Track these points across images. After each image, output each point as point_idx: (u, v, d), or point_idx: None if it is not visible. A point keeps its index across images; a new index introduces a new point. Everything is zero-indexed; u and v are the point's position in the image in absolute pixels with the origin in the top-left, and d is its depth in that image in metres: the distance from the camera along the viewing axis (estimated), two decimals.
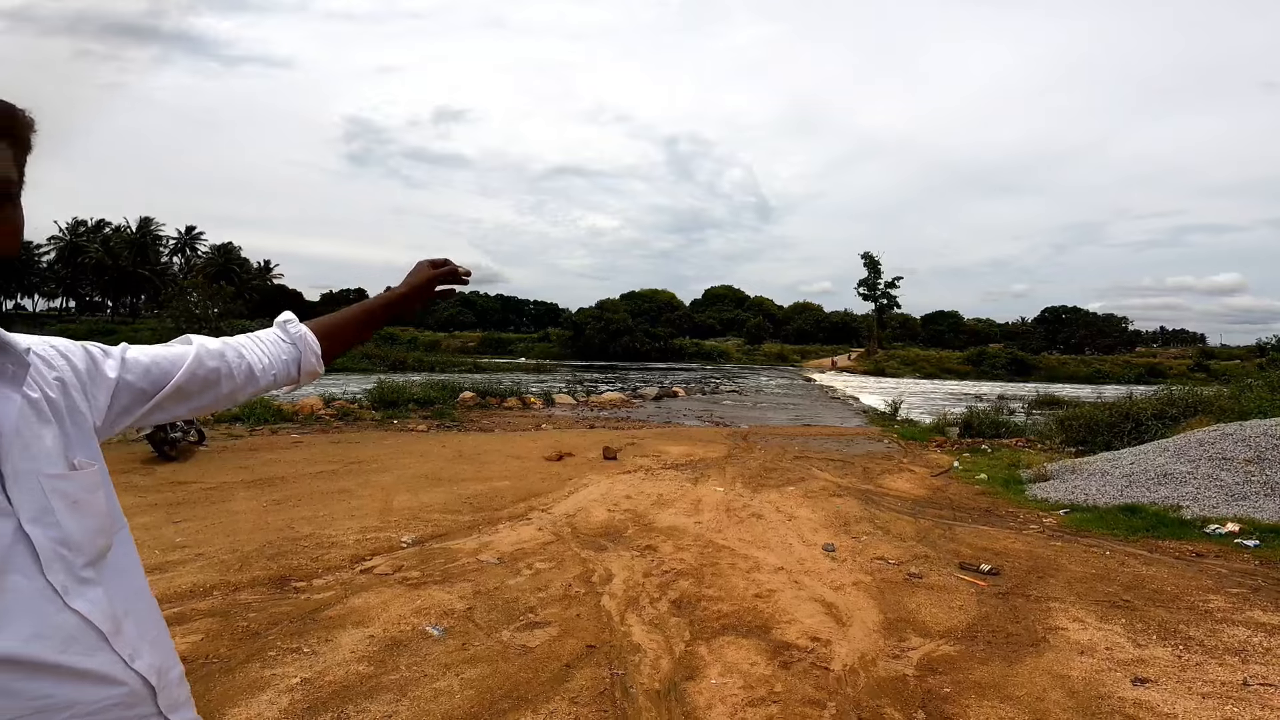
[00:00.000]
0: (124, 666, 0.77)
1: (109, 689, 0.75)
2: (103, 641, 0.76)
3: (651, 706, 2.81)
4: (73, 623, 0.73)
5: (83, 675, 0.74)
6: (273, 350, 1.08)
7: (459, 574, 4.34)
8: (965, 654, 3.40)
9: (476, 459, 8.79)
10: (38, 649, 0.70)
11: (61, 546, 0.74)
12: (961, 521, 6.10)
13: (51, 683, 0.71)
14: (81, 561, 0.76)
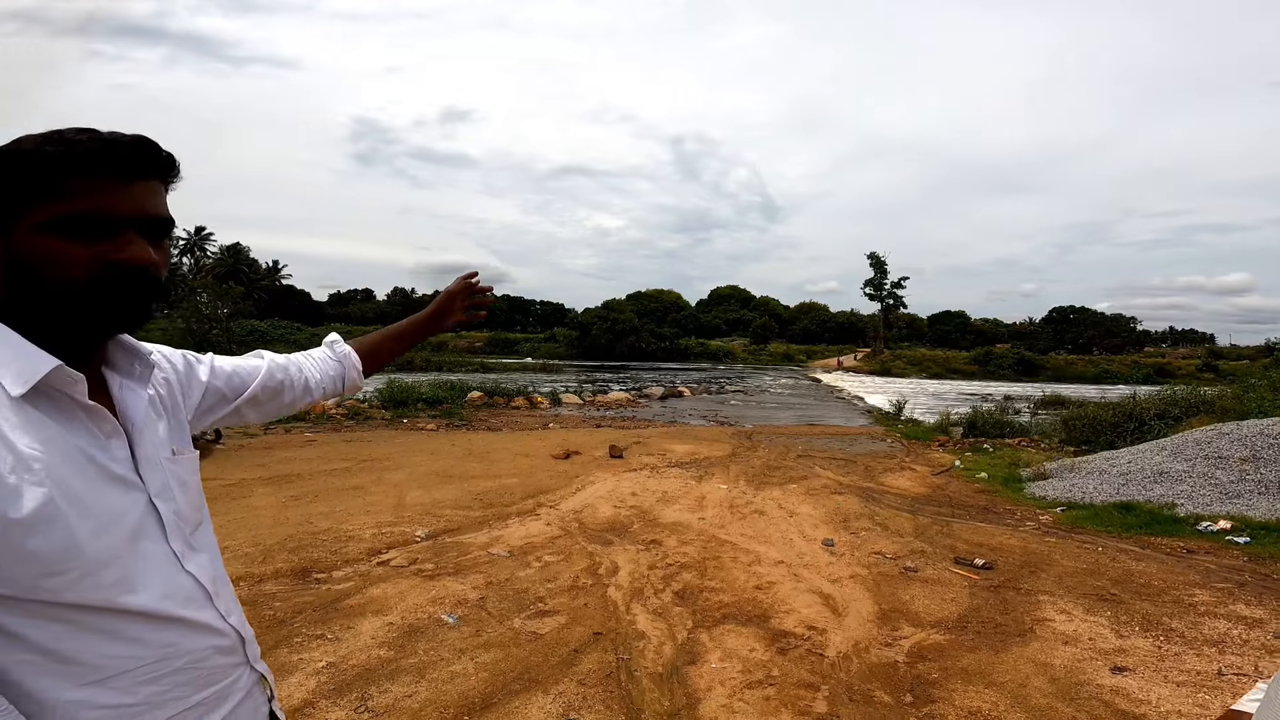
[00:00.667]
0: (223, 621, 0.93)
1: (215, 639, 0.91)
2: (208, 600, 0.91)
3: (654, 688, 2.99)
4: (189, 583, 0.89)
5: (198, 627, 0.89)
6: (323, 366, 1.29)
7: (471, 566, 4.53)
8: (954, 643, 3.56)
9: (485, 457, 8.99)
10: (167, 605, 0.85)
11: (177, 518, 0.90)
12: (959, 518, 6.25)
13: (176, 633, 0.86)
14: (189, 531, 0.92)
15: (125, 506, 0.83)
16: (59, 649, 0.77)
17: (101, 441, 0.83)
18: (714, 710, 2.81)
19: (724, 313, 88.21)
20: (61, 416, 0.80)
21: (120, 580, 0.80)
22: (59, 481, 0.77)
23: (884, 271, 63.71)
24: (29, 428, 0.77)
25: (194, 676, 0.88)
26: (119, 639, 0.81)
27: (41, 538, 0.74)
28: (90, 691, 0.79)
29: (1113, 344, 73.86)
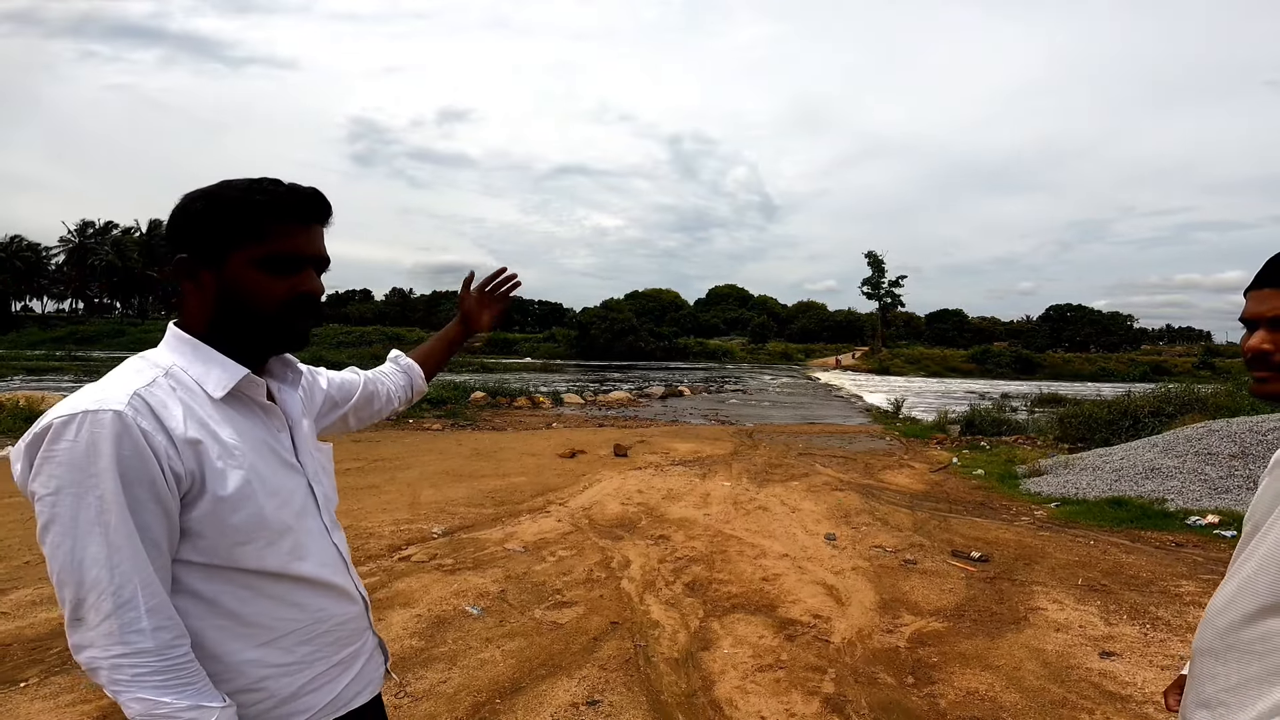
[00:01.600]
0: (355, 589, 1.12)
1: (352, 605, 1.11)
2: (346, 569, 1.11)
3: (671, 672, 3.18)
4: (335, 554, 1.08)
5: (342, 593, 1.08)
6: (394, 378, 1.50)
7: (489, 561, 4.72)
8: (953, 630, 3.75)
9: (493, 456, 9.18)
10: (324, 572, 1.05)
11: (325, 498, 1.10)
12: (956, 514, 6.45)
13: (328, 599, 1.05)
14: (331, 509, 1.12)
15: (293, 487, 1.03)
16: (244, 612, 0.97)
17: (275, 434, 1.04)
18: (729, 691, 3.00)
19: (722, 312, 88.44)
20: (247, 413, 1.01)
21: (292, 549, 1.00)
22: (252, 466, 0.97)
23: (882, 270, 63.93)
24: (228, 423, 0.97)
25: (337, 638, 1.07)
26: (286, 603, 1.00)
27: (240, 512, 0.94)
28: (263, 652, 0.98)
29: (1110, 342, 74.22)
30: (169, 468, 0.89)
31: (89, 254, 67.47)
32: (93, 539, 0.86)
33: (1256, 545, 1.06)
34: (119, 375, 0.95)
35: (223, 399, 0.97)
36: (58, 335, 53.52)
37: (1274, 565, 1.00)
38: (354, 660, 1.10)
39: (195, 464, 0.91)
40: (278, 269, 0.99)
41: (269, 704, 0.98)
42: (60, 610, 0.91)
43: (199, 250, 0.98)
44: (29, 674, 2.95)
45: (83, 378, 25.32)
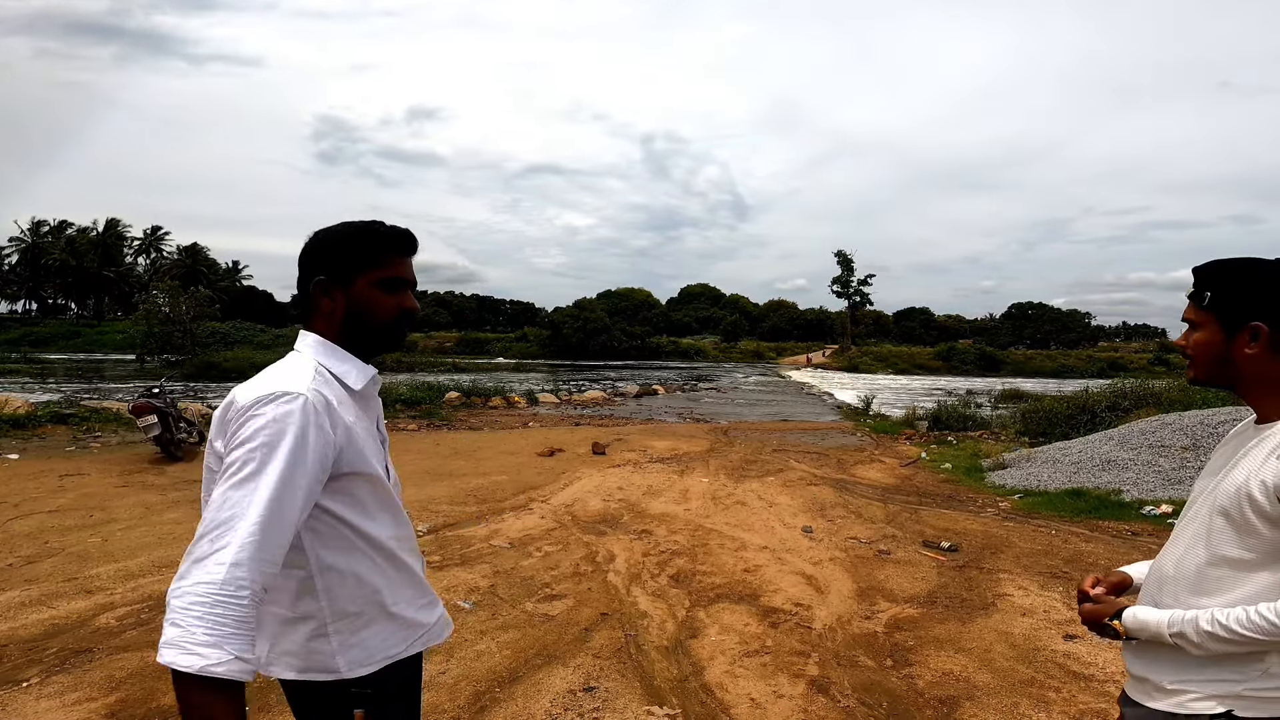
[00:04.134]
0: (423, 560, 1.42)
1: (420, 568, 1.39)
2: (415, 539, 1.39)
3: (662, 659, 3.31)
4: (409, 529, 1.36)
5: (415, 557, 1.37)
6: None
7: (476, 557, 4.80)
8: (926, 615, 3.95)
9: (472, 455, 9.22)
10: (406, 530, 1.34)
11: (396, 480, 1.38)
12: (926, 506, 6.70)
13: (412, 557, 1.35)
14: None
15: (384, 464, 1.31)
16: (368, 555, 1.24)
17: (375, 422, 1.33)
18: (719, 675, 3.14)
19: (695, 311, 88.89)
20: (363, 404, 1.29)
21: (393, 513, 1.30)
22: (369, 444, 1.24)
23: (851, 269, 64.89)
24: (356, 411, 1.24)
25: (420, 585, 1.36)
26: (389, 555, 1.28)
27: (368, 480, 1.22)
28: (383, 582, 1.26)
29: (1069, 339, 76.32)
30: (332, 442, 1.14)
31: (42, 254, 65.34)
32: (268, 488, 1.06)
33: (1194, 515, 1.31)
34: (292, 368, 1.20)
35: (355, 392, 1.25)
36: (11, 337, 51.69)
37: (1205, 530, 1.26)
38: (433, 607, 1.37)
39: (346, 441, 1.17)
40: (390, 289, 1.27)
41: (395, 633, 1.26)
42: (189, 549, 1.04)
43: (333, 273, 1.25)
44: (29, 674, 2.97)
45: (39, 381, 24.61)
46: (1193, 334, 1.33)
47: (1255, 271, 1.28)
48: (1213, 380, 1.34)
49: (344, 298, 1.25)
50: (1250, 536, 1.21)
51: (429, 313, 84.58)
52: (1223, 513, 1.24)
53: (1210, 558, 1.25)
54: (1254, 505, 1.19)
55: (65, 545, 4.87)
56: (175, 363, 29.00)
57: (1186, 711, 1.25)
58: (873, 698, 2.98)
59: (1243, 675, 1.22)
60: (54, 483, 6.89)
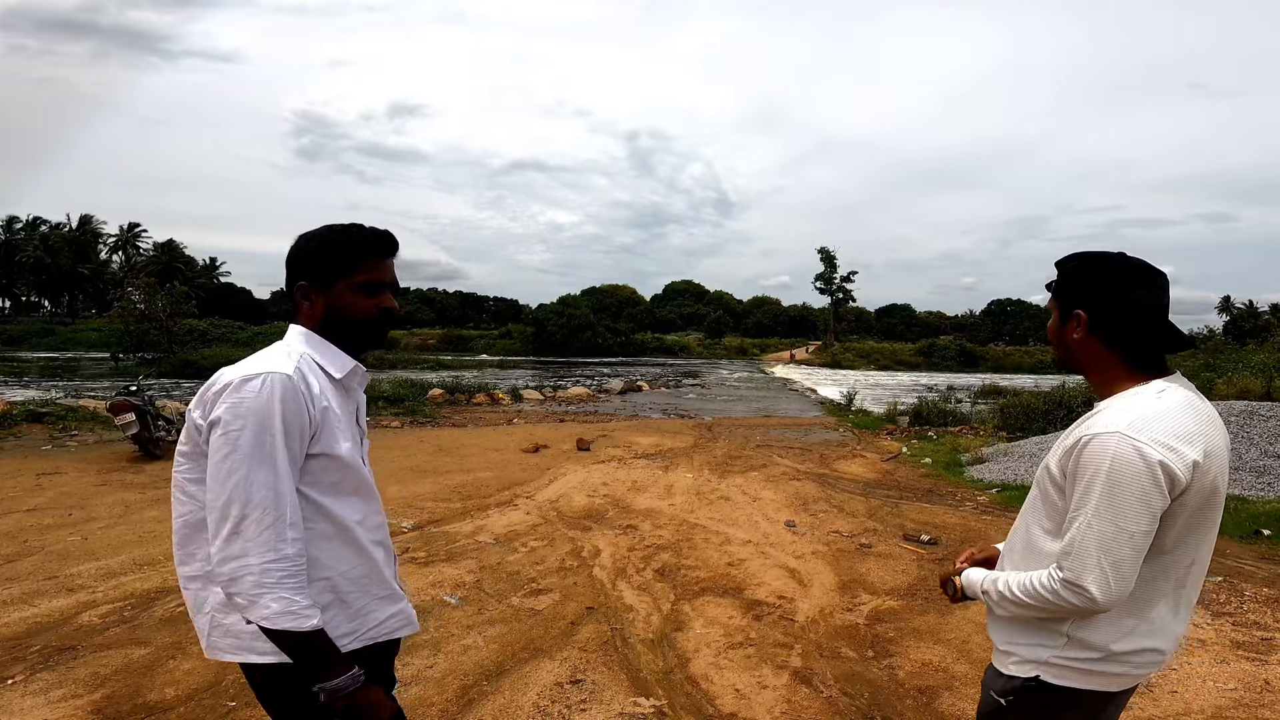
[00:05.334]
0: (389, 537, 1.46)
1: (386, 560, 1.42)
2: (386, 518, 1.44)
3: (648, 651, 3.35)
4: (380, 519, 1.43)
5: (383, 550, 1.40)
6: None
7: (461, 553, 4.81)
8: (907, 607, 4.02)
9: (456, 452, 9.20)
10: (378, 518, 1.40)
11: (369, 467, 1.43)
12: (907, 500, 6.80)
13: (378, 549, 1.38)
14: None
15: (361, 452, 1.38)
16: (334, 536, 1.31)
17: (354, 412, 1.39)
18: (704, 667, 3.19)
19: (679, 307, 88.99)
20: (344, 394, 1.36)
21: (366, 497, 1.37)
22: (346, 432, 1.32)
23: (834, 266, 65.27)
24: (336, 398, 1.32)
25: (387, 573, 1.40)
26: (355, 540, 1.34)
27: (340, 462, 1.29)
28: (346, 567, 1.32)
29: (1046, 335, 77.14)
30: (311, 420, 1.22)
31: (16, 250, 64.04)
32: (264, 467, 1.16)
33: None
34: (278, 353, 1.28)
35: (335, 381, 1.32)
36: None
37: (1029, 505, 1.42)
38: (393, 600, 1.39)
39: (321, 422, 1.24)
40: (369, 292, 1.34)
41: (338, 623, 1.27)
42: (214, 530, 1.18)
43: (313, 279, 1.33)
44: (13, 671, 2.94)
45: (14, 379, 24.16)
46: (1050, 322, 1.46)
47: (1085, 263, 1.38)
48: (1065, 364, 1.46)
49: (323, 301, 1.33)
50: (1049, 508, 1.34)
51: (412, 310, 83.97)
52: (1038, 486, 1.38)
53: (1027, 530, 1.39)
54: (1049, 477, 1.32)
55: (45, 544, 4.82)
56: (152, 361, 28.55)
57: (1009, 672, 1.38)
58: (854, 688, 3.04)
59: (1051, 642, 1.32)
60: (31, 481, 6.79)
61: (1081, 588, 1.19)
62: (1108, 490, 1.18)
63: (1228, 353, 18.04)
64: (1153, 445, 1.18)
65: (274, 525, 1.15)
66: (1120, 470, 1.18)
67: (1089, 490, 1.20)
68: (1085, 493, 1.21)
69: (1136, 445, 1.18)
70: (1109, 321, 1.33)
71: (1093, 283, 1.34)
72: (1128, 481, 1.17)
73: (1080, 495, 1.22)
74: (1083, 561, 1.19)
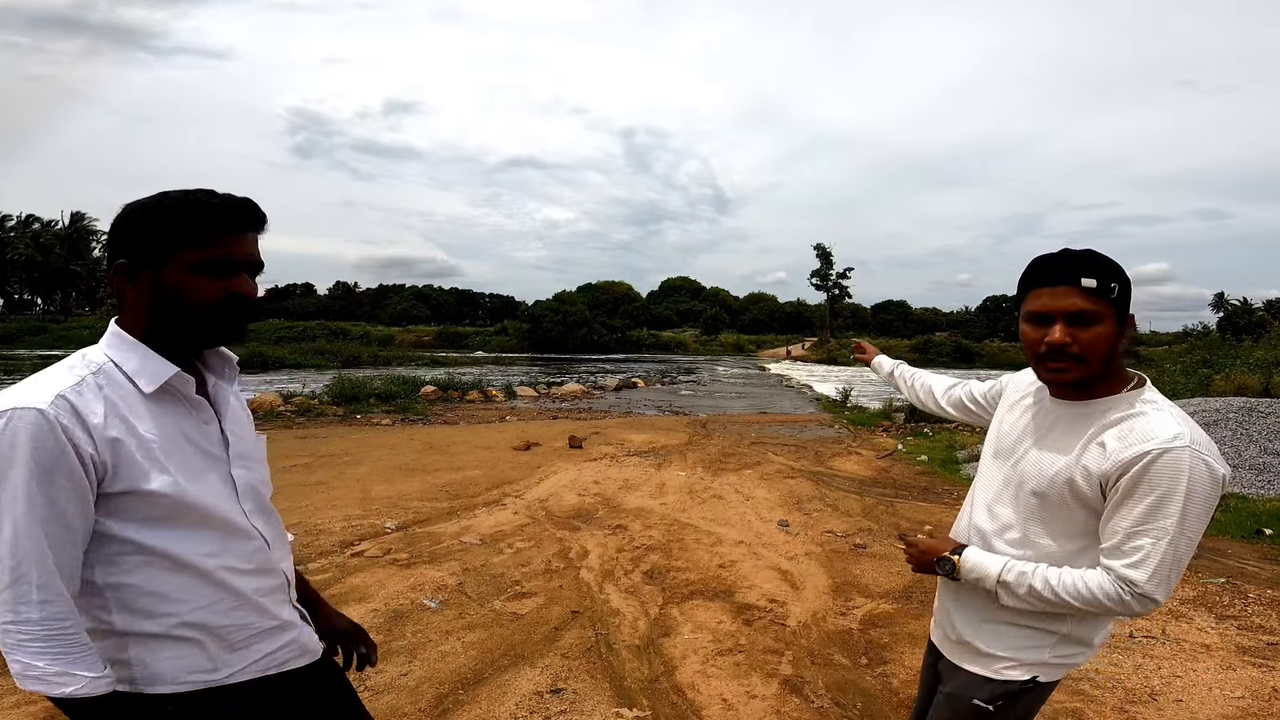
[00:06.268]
0: (276, 565, 1.24)
1: (268, 579, 1.22)
2: (266, 549, 1.21)
3: (633, 658, 3.22)
4: (257, 540, 1.20)
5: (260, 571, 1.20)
6: None
7: (445, 554, 4.68)
8: (901, 611, 3.90)
9: (446, 450, 9.06)
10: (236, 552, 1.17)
11: (249, 487, 1.21)
12: (902, 498, 6.68)
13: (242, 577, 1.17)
14: (267, 494, 1.26)
15: (212, 476, 1.14)
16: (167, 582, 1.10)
17: (201, 426, 1.15)
18: (690, 675, 3.06)
19: (675, 304, 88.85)
20: (175, 406, 1.12)
21: (208, 532, 1.13)
22: (169, 456, 1.08)
23: (830, 262, 65.21)
24: (151, 417, 1.08)
25: (256, 608, 1.19)
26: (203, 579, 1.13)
27: (158, 499, 1.06)
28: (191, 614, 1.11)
29: None
30: (89, 459, 1.00)
31: (8, 248, 63.57)
32: (3, 521, 0.97)
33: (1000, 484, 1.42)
34: (49, 375, 1.05)
35: (152, 394, 1.08)
36: None
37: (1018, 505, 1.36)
38: (276, 634, 1.21)
39: (112, 458, 1.02)
40: (212, 272, 1.10)
41: (198, 657, 1.12)
42: None
43: (137, 256, 1.09)
44: None
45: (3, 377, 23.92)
46: (1093, 328, 1.26)
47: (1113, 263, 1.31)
48: (1094, 376, 1.30)
49: (151, 284, 1.09)
50: (1066, 516, 1.30)
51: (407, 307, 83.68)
52: (1049, 495, 1.31)
53: (1024, 531, 1.34)
54: (1072, 488, 1.27)
55: None
56: None
57: (1000, 678, 1.36)
58: (847, 698, 2.91)
59: (1046, 642, 1.34)
60: None
61: (1153, 600, 1.21)
62: (1185, 506, 1.18)
63: (1225, 349, 17.97)
64: (1215, 459, 1.20)
65: (11, 586, 0.98)
66: (1195, 486, 1.18)
67: (1163, 505, 1.19)
68: (1158, 508, 1.19)
69: (1205, 460, 1.18)
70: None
71: (1127, 283, 1.28)
72: (1201, 497, 1.18)
73: (1150, 509, 1.20)
74: (1159, 576, 1.20)
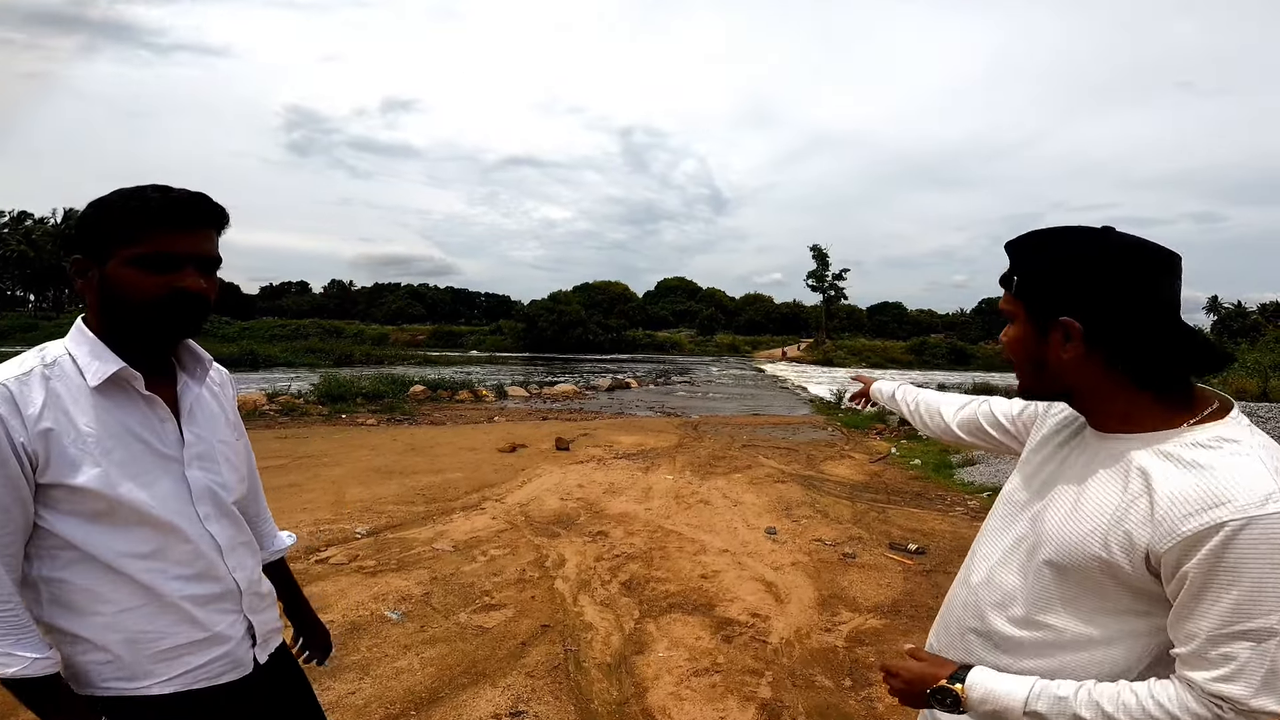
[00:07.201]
0: (227, 574, 1.19)
1: (215, 586, 1.17)
2: (220, 555, 1.17)
3: (603, 678, 3.01)
4: (208, 541, 1.16)
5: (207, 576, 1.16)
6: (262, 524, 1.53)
7: (414, 562, 4.47)
8: (890, 627, 3.70)
9: (429, 451, 8.84)
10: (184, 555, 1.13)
11: (206, 489, 1.16)
12: (895, 504, 6.48)
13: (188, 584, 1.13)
14: (228, 499, 1.20)
15: (161, 476, 1.11)
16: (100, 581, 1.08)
17: (155, 424, 1.12)
18: (662, 699, 2.85)
19: (671, 304, 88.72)
20: (125, 403, 1.10)
21: (149, 534, 1.10)
22: (108, 453, 1.05)
23: (826, 263, 65.15)
24: (95, 411, 1.07)
25: (196, 618, 1.14)
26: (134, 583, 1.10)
27: (93, 496, 1.04)
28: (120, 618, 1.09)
29: None
30: (20, 447, 1.00)
31: (1, 244, 63.13)
32: None
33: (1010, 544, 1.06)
34: (5, 365, 1.07)
35: (103, 388, 1.08)
36: None
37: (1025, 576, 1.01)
38: (204, 649, 1.16)
39: (44, 448, 1.02)
40: (153, 267, 1.07)
41: (119, 663, 1.09)
42: None
43: (88, 252, 1.10)
44: None
45: None
46: (1006, 329, 1.04)
47: (1067, 244, 0.95)
48: (1038, 392, 1.04)
49: (99, 280, 1.10)
50: (1096, 595, 0.94)
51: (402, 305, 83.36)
52: (1052, 564, 0.96)
53: (1032, 610, 0.99)
54: (1106, 565, 0.91)
55: None
56: None
57: None
58: None
59: None
60: None
61: (1264, 715, 0.88)
62: None
63: None
64: None
65: None
66: None
67: (1259, 598, 0.84)
68: (1253, 602, 0.84)
69: None
70: (1121, 331, 0.92)
71: (1090, 274, 0.92)
72: None
73: (1240, 605, 0.85)
74: (1270, 686, 0.86)
